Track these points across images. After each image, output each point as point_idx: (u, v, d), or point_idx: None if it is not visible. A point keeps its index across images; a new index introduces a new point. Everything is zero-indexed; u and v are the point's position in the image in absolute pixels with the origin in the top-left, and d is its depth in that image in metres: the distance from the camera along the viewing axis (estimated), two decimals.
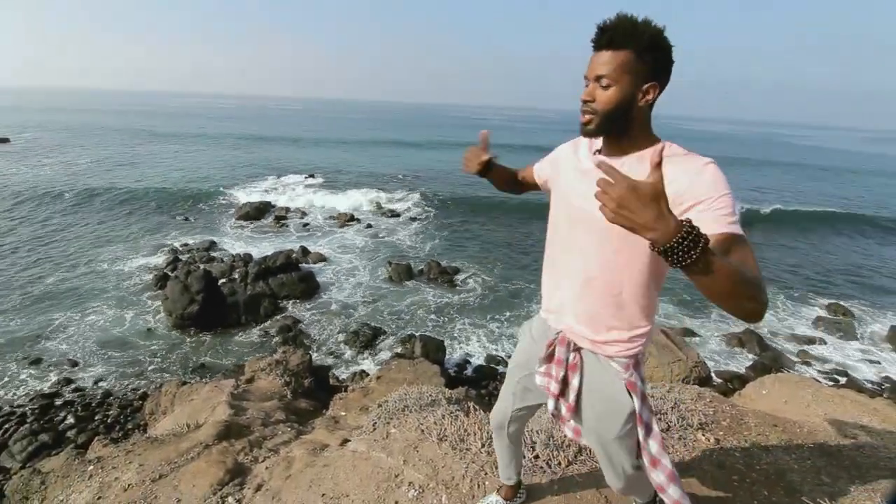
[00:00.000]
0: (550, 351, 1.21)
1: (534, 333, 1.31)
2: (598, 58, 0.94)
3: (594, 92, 0.95)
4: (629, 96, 0.94)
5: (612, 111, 0.95)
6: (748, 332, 9.44)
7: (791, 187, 28.79)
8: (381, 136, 46.03)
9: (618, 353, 1.11)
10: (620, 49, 0.91)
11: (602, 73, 0.93)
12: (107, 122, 49.22)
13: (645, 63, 0.91)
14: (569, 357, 1.18)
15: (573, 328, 1.16)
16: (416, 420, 2.32)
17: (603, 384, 1.14)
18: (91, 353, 8.19)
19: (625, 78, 0.92)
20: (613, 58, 0.91)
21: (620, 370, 1.12)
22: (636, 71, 0.92)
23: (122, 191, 18.68)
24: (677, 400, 2.69)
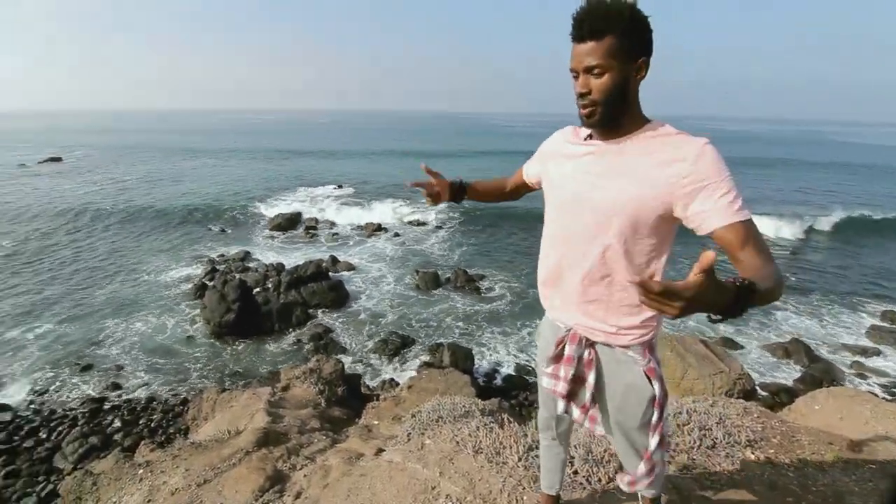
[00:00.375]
0: (559, 350, 1.18)
1: (545, 334, 1.28)
2: (581, 49, 0.92)
3: (588, 83, 0.94)
4: (623, 78, 0.93)
5: (611, 97, 0.94)
6: (795, 341, 8.94)
7: (842, 189, 27.24)
8: (408, 146, 46.71)
9: (633, 341, 1.09)
10: (603, 36, 0.89)
11: (592, 64, 0.92)
12: (150, 141, 52.07)
13: (631, 42, 0.91)
14: (582, 354, 1.14)
15: (583, 323, 1.12)
16: (450, 431, 2.32)
17: (621, 375, 1.12)
18: (136, 359, 8.60)
19: (616, 62, 0.91)
20: (598, 46, 0.90)
21: (638, 357, 1.10)
22: (624, 52, 0.91)
23: (164, 205, 19.66)
24: (722, 415, 2.58)
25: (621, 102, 0.96)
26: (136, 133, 67.37)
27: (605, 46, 0.90)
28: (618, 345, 1.11)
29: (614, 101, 0.95)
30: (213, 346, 9.12)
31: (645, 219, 0.97)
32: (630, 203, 0.97)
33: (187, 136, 62.39)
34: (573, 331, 1.15)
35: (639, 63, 0.93)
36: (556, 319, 1.21)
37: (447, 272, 12.67)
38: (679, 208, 0.93)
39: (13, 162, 33.05)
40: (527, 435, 2.25)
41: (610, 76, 0.92)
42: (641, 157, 0.96)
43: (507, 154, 39.75)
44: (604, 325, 1.10)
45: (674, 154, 0.92)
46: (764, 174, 31.17)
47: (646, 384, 1.10)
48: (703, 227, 0.91)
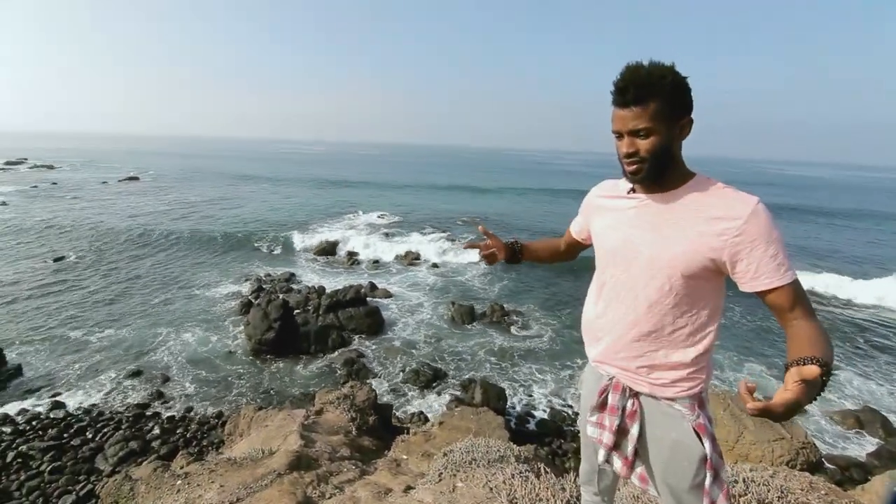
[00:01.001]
0: (603, 399, 1.15)
1: (588, 383, 1.26)
2: (626, 114, 0.96)
3: (635, 143, 0.97)
4: (669, 139, 0.97)
5: (659, 156, 0.97)
6: (868, 410, 8.03)
7: None
8: (455, 181, 47.68)
9: (679, 394, 1.05)
10: (648, 102, 0.93)
11: (639, 128, 0.95)
12: (212, 166, 56.45)
13: (673, 105, 0.94)
14: (626, 404, 1.11)
15: (626, 372, 1.10)
16: (483, 476, 2.24)
17: (667, 430, 1.07)
18: (181, 369, 8.99)
19: (661, 125, 0.95)
20: (643, 111, 0.94)
21: (686, 412, 1.05)
22: (669, 116, 0.95)
23: (222, 225, 21.02)
24: (784, 488, 2.34)
25: (668, 160, 0.99)
26: (202, 158, 73.39)
27: (650, 111, 0.94)
28: (663, 397, 1.07)
29: (660, 159, 0.98)
30: (251, 362, 9.40)
31: (693, 273, 0.98)
32: (679, 257, 0.98)
33: (247, 162, 67.19)
34: (615, 379, 1.13)
35: (682, 123, 0.97)
36: (599, 367, 1.19)
37: (484, 306, 12.55)
38: (728, 265, 0.95)
39: (97, 179, 36.79)
40: (565, 489, 2.13)
41: (656, 138, 0.96)
42: (690, 212, 0.98)
43: (551, 192, 39.68)
44: (647, 376, 1.07)
45: (725, 211, 0.94)
46: (830, 224, 29.17)
47: (695, 442, 1.04)
48: (750, 285, 0.95)
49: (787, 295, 0.91)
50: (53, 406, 7.58)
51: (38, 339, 9.85)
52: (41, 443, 6.51)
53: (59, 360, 9.06)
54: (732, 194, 0.95)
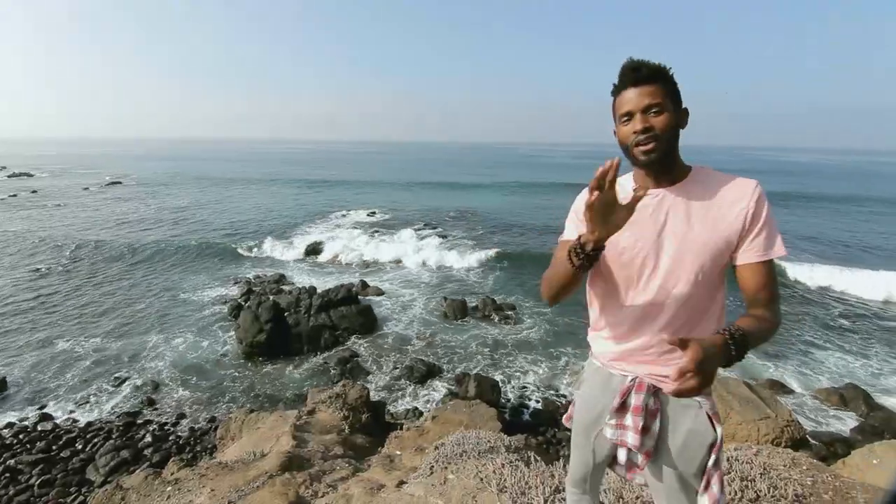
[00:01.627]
0: (624, 400, 1.15)
1: (594, 387, 1.25)
2: (639, 92, 1.00)
3: (648, 120, 1.00)
4: (676, 120, 1.02)
5: (670, 134, 1.01)
6: (851, 387, 8.24)
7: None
8: (444, 177, 47.47)
9: None
10: (658, 81, 1.00)
11: (652, 102, 0.99)
12: (198, 169, 55.56)
13: (677, 94, 1.03)
14: (649, 402, 1.12)
15: (652, 370, 1.12)
16: (474, 467, 2.26)
17: (685, 420, 1.11)
18: (171, 376, 8.90)
19: (669, 105, 1.01)
20: (656, 89, 1.00)
21: (702, 400, 1.10)
22: (674, 99, 1.02)
23: (209, 228, 20.76)
24: (767, 465, 2.40)
25: (675, 142, 1.04)
26: (189, 161, 72.16)
27: (662, 90, 1.00)
28: None
29: (672, 138, 1.02)
30: (243, 365, 9.33)
31: (719, 257, 1.03)
32: (709, 244, 1.02)
33: (235, 164, 66.13)
34: (639, 379, 1.14)
35: (683, 111, 1.04)
36: (615, 366, 1.19)
37: (476, 300, 12.59)
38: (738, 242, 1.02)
39: (78, 185, 36.04)
40: (554, 476, 2.16)
41: (668, 115, 1.00)
42: (707, 200, 1.03)
43: (542, 186, 39.74)
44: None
45: (736, 194, 1.02)
46: (819, 210, 29.73)
47: (709, 428, 1.09)
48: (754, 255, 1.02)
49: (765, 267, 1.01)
50: (41, 418, 7.45)
51: (22, 351, 9.68)
52: (29, 456, 6.41)
53: (46, 372, 8.91)
54: (735, 179, 1.04)
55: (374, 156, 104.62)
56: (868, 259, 17.17)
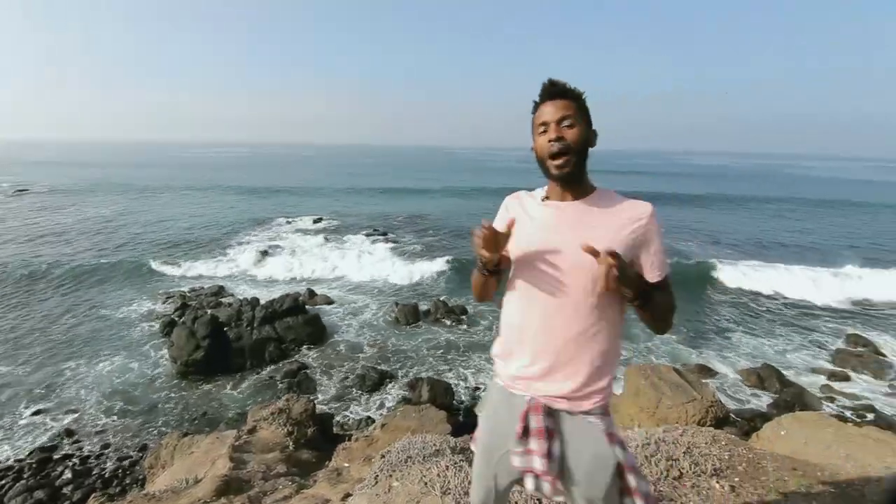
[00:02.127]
0: (525, 424, 1.12)
1: (498, 408, 1.21)
2: (555, 105, 1.09)
3: (561, 131, 1.07)
4: (588, 135, 1.10)
5: (582, 147, 1.09)
6: (766, 367, 9.13)
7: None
8: (391, 182, 46.97)
9: (595, 405, 1.10)
10: (573, 98, 1.09)
11: (566, 115, 1.07)
12: (120, 175, 51.01)
13: (587, 114, 1.11)
14: (548, 425, 1.11)
15: (546, 390, 1.10)
16: (419, 472, 2.25)
17: (585, 443, 1.10)
18: (94, 403, 8.09)
19: (582, 120, 1.09)
20: (571, 104, 1.08)
21: (598, 422, 1.10)
22: (585, 117, 1.10)
23: (137, 239, 19.14)
24: (691, 444, 2.59)
25: (585, 157, 1.11)
26: (108, 167, 65.97)
27: (575, 105, 1.09)
28: (579, 411, 1.10)
29: (583, 151, 1.10)
30: (178, 386, 8.69)
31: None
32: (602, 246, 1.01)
33: (157, 170, 61.18)
34: (535, 401, 1.12)
35: (592, 130, 1.12)
36: (514, 387, 1.17)
37: (427, 304, 12.59)
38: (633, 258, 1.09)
39: None
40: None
41: (579, 129, 1.08)
42: (604, 215, 1.10)
43: (495, 191, 40.46)
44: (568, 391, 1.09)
45: (632, 213, 1.09)
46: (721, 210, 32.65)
47: (608, 450, 1.09)
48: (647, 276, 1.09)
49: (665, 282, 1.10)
50: None
51: None
52: None
53: None
54: (633, 200, 1.12)
55: (314, 160, 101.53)
56: (770, 253, 19.24)
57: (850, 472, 2.48)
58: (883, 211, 32.61)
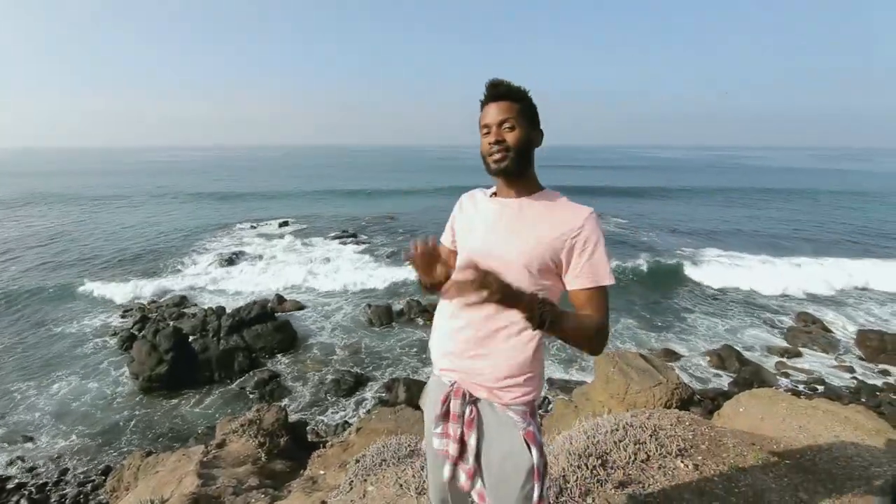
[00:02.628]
0: (446, 407, 1.13)
1: (431, 393, 1.22)
2: (497, 107, 1.08)
3: (502, 134, 1.08)
4: (529, 136, 1.10)
5: (521, 147, 1.09)
6: (726, 347, 9.61)
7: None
8: (358, 184, 46.22)
9: (514, 400, 1.08)
10: (515, 100, 1.08)
11: (507, 117, 1.07)
12: (65, 184, 47.91)
13: (532, 114, 1.11)
14: (465, 411, 1.10)
15: (469, 375, 1.10)
16: (394, 474, 2.23)
17: (502, 438, 1.08)
18: (50, 427, 7.60)
19: (523, 122, 1.09)
20: (511, 106, 1.08)
21: (518, 420, 1.08)
22: (528, 118, 1.10)
23: (88, 249, 18.07)
24: (657, 426, 2.69)
25: (527, 156, 1.11)
26: (50, 176, 61.74)
27: (517, 108, 1.08)
28: (500, 403, 1.09)
29: (523, 151, 1.09)
30: (141, 403, 8.28)
31: (538, 269, 1.07)
32: (526, 253, 1.07)
33: (107, 178, 57.64)
34: (457, 384, 1.12)
35: (537, 131, 1.12)
36: (444, 374, 1.18)
37: (401, 304, 12.52)
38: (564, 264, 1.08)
39: None
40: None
41: (519, 131, 1.08)
42: (540, 215, 1.10)
43: (460, 189, 40.57)
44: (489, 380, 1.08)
45: (568, 216, 1.08)
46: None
47: (524, 451, 1.06)
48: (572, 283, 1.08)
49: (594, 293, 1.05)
50: None
51: None
52: None
53: None
54: (573, 204, 1.11)
55: (276, 161, 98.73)
56: (726, 241, 20.28)
57: (802, 442, 2.65)
58: (823, 196, 35.00)
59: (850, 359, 9.47)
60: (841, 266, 14.82)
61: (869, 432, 2.92)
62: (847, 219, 25.47)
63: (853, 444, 2.64)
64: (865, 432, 2.90)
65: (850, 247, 18.84)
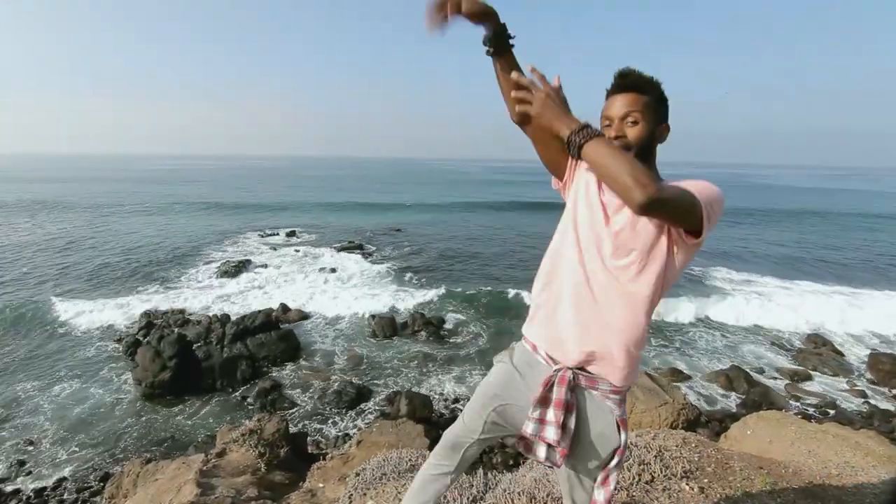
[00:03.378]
0: (547, 392, 1.11)
1: (518, 366, 1.21)
2: (621, 99, 1.04)
3: (623, 128, 1.04)
4: (652, 132, 1.05)
5: (642, 143, 1.04)
6: (734, 368, 9.45)
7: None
8: (365, 196, 46.55)
9: (613, 390, 1.10)
10: (642, 92, 1.03)
11: (630, 111, 1.03)
12: (90, 190, 48.83)
13: (659, 106, 1.05)
14: (568, 398, 1.11)
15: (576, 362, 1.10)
16: (394, 489, 2.21)
17: (599, 423, 1.11)
18: (51, 432, 7.61)
19: (648, 116, 1.03)
20: (638, 99, 1.03)
21: (614, 407, 1.11)
22: (655, 112, 1.04)
23: (97, 259, 18.31)
24: (662, 447, 2.64)
25: (648, 153, 1.06)
26: (59, 182, 62.95)
27: (644, 101, 1.03)
28: (599, 391, 1.11)
29: (643, 147, 1.04)
30: (144, 409, 8.27)
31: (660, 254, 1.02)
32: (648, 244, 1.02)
33: (119, 184, 58.66)
34: (564, 371, 1.11)
35: (662, 126, 1.07)
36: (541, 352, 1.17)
37: (405, 316, 12.49)
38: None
39: None
40: (472, 486, 2.19)
41: (643, 125, 1.03)
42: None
43: (467, 205, 40.68)
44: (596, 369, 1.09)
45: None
46: None
47: (615, 434, 1.11)
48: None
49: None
50: None
51: None
52: None
53: None
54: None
55: (283, 172, 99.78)
56: (738, 262, 20.11)
57: (812, 467, 2.58)
58: (832, 217, 34.68)
59: (861, 382, 9.28)
60: (852, 291, 14.63)
61: (880, 458, 2.84)
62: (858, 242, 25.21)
63: (863, 470, 2.58)
64: (876, 458, 2.82)
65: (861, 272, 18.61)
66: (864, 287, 15.30)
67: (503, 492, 2.00)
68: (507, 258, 19.68)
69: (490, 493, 2.07)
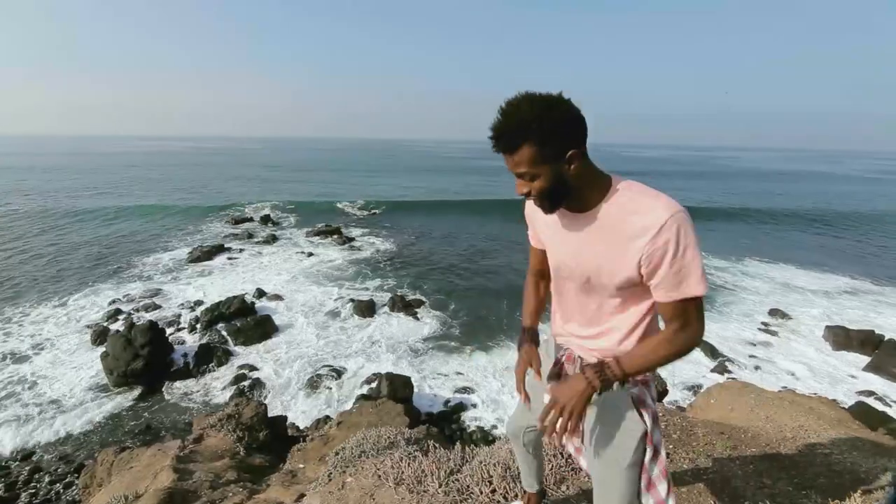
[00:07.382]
0: (558, 370, 1.17)
1: (549, 351, 1.27)
2: (508, 161, 0.92)
3: (525, 185, 0.96)
4: (556, 176, 0.92)
5: (550, 192, 0.95)
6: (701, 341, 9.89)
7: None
8: (342, 176, 45.78)
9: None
10: (522, 147, 0.89)
11: (522, 171, 0.92)
12: (54, 164, 46.14)
13: (552, 145, 0.88)
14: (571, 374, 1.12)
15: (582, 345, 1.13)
16: (372, 466, 2.24)
17: (613, 404, 1.07)
18: (18, 424, 7.36)
19: (542, 167, 0.90)
20: (521, 157, 0.90)
21: (630, 386, 1.06)
22: (548, 156, 0.89)
23: (59, 244, 17.48)
24: None
25: (564, 193, 0.95)
26: (34, 156, 59.21)
27: (527, 156, 0.89)
28: None
29: (554, 194, 0.95)
30: (116, 399, 8.08)
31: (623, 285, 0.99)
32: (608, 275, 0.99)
33: (83, 171, 55.96)
34: (570, 350, 1.16)
35: (569, 156, 0.90)
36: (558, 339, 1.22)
37: (384, 298, 12.48)
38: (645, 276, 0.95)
39: None
40: (450, 459, 2.23)
41: (542, 179, 0.92)
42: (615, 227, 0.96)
43: (441, 189, 40.40)
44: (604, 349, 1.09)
45: (642, 225, 0.91)
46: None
47: (637, 418, 1.05)
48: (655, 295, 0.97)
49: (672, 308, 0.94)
50: None
51: None
52: None
53: None
54: (649, 203, 0.91)
55: (261, 153, 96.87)
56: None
57: (769, 431, 2.75)
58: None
59: (816, 352, 9.87)
60: (803, 271, 15.37)
61: (831, 422, 3.06)
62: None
63: (816, 432, 2.76)
64: (828, 422, 3.03)
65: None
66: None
67: (479, 464, 2.06)
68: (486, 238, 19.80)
69: (467, 465, 2.13)
